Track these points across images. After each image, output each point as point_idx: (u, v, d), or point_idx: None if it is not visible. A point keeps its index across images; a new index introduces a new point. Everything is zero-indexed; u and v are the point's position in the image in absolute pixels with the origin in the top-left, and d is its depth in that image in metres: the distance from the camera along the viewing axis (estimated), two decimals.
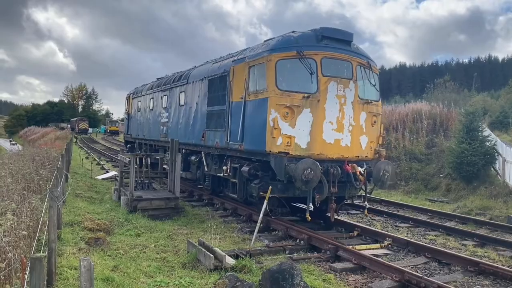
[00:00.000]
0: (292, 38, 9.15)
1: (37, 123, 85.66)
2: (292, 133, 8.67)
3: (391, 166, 9.37)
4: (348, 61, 9.26)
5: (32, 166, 11.41)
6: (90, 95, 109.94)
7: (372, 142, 9.66)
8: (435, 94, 31.65)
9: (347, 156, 9.11)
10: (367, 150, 9.52)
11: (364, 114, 9.39)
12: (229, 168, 10.43)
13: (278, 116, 8.57)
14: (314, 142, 8.78)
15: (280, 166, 8.48)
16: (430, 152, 18.10)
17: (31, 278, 2.95)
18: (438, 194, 15.35)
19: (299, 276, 5.47)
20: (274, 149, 8.60)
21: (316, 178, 8.08)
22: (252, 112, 9.31)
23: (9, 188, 7.54)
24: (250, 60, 9.62)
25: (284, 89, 8.69)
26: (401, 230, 10.14)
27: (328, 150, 8.90)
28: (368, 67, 9.67)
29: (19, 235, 5.12)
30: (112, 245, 7.63)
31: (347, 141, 9.11)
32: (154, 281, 5.93)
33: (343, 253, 7.46)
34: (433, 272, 6.98)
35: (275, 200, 9.15)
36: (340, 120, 8.98)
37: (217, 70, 11.43)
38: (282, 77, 8.75)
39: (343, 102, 9.01)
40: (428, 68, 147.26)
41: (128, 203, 10.62)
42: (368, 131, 9.51)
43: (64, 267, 6.02)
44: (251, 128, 9.32)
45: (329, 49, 9.11)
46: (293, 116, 8.65)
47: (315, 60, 8.84)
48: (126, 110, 22.95)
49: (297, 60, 8.76)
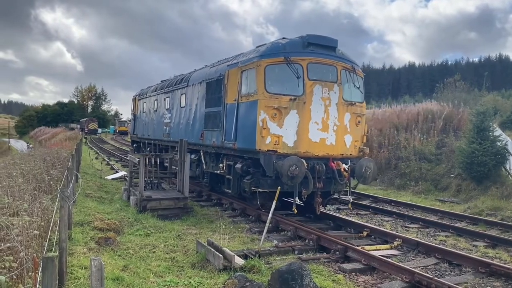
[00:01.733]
0: (280, 45, 9.88)
1: (47, 124, 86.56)
2: (280, 133, 9.36)
3: (372, 163, 10.02)
4: (333, 65, 9.94)
5: (43, 166, 11.50)
6: (100, 95, 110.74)
7: (357, 141, 10.33)
8: (445, 94, 31.37)
9: (332, 154, 9.76)
10: (351, 149, 10.17)
11: (348, 115, 10.07)
12: (225, 166, 11.07)
13: (267, 117, 9.29)
14: (301, 141, 9.46)
15: (269, 163, 9.15)
16: (440, 152, 17.95)
17: (43, 277, 2.98)
18: (448, 195, 15.22)
19: (309, 276, 5.47)
20: (263, 147, 9.28)
21: (301, 174, 8.75)
22: (244, 113, 9.99)
23: (21, 188, 7.61)
24: (242, 65, 10.31)
25: (273, 92, 9.38)
26: (411, 230, 10.07)
27: (314, 149, 9.55)
28: (353, 71, 10.33)
29: (30, 235, 5.17)
30: (122, 244, 7.67)
31: (332, 140, 9.79)
32: (164, 281, 5.95)
33: (353, 253, 7.44)
34: (443, 273, 6.93)
35: (266, 194, 9.74)
36: (325, 121, 9.67)
37: (213, 74, 12.15)
38: (270, 81, 9.44)
39: (327, 104, 9.70)
40: (437, 67, 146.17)
41: (137, 203, 10.68)
42: (353, 131, 10.18)
43: (75, 267, 6.07)
44: (243, 128, 9.98)
45: (314, 55, 9.80)
46: (280, 117, 9.36)
47: (302, 65, 9.52)
48: (133, 111, 23.97)
49: (285, 65, 9.45)
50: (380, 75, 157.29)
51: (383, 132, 20.78)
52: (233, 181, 10.70)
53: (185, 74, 15.59)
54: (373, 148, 19.97)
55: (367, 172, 9.76)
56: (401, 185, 17.07)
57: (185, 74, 15.83)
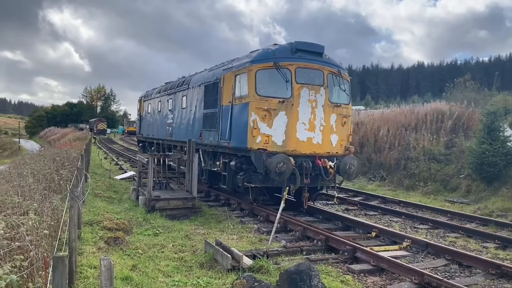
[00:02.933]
0: (270, 51, 10.60)
1: (57, 124, 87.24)
2: (270, 132, 10.07)
3: (356, 161, 10.65)
4: (319, 70, 10.62)
5: (52, 166, 11.60)
6: (109, 96, 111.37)
7: (343, 140, 11.02)
8: (455, 94, 31.12)
9: (319, 152, 10.44)
10: (337, 147, 10.84)
11: (334, 116, 10.75)
12: (221, 163, 11.71)
13: (257, 118, 10.00)
14: (289, 140, 10.17)
15: (259, 161, 9.78)
16: (450, 153, 17.80)
17: (54, 276, 3.00)
18: (457, 195, 15.08)
19: (317, 277, 5.45)
20: (254, 146, 9.98)
21: (288, 170, 9.46)
22: (237, 114, 10.71)
23: (31, 187, 7.68)
24: (236, 69, 11.00)
25: (263, 95, 10.09)
26: (420, 231, 10.00)
27: (302, 147, 10.25)
28: (339, 75, 11.02)
29: (40, 234, 5.21)
30: (131, 244, 7.71)
31: (319, 139, 10.47)
32: (172, 281, 5.97)
33: (361, 254, 7.40)
34: (453, 274, 6.87)
35: (258, 189, 10.60)
36: (312, 121, 10.35)
37: (211, 77, 12.88)
38: (261, 84, 10.14)
39: (314, 105, 10.39)
40: (447, 67, 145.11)
41: (146, 203, 10.73)
42: (338, 131, 10.87)
43: (84, 266, 6.11)
44: (236, 128, 10.69)
45: (302, 60, 10.48)
46: (270, 118, 10.07)
47: (290, 69, 10.21)
48: (138, 111, 24.88)
49: (274, 70, 10.16)
50: (389, 75, 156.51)
51: (392, 132, 20.67)
52: (228, 177, 11.31)
53: (186, 77, 16.34)
54: (384, 149, 19.86)
55: (351, 169, 10.40)
56: (410, 185, 16.95)
57: (186, 77, 16.55)
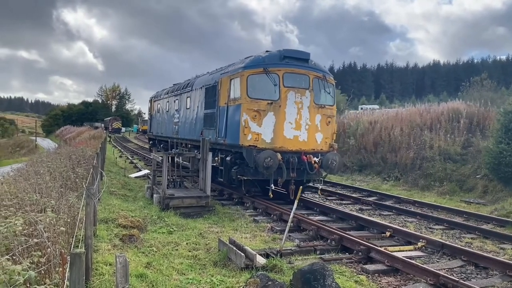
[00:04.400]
0: (260, 58, 11.72)
1: (73, 123, 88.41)
2: (259, 131, 11.16)
3: (338, 157, 11.66)
4: (305, 74, 11.65)
5: (68, 164, 11.76)
6: (123, 95, 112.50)
7: (327, 138, 12.03)
8: (471, 93, 30.66)
9: (304, 148, 11.48)
10: (322, 144, 11.87)
11: (319, 116, 11.78)
12: (219, 159, 12.58)
13: (248, 118, 11.09)
14: (277, 137, 11.25)
15: (250, 156, 10.91)
16: (466, 152, 17.54)
17: (71, 273, 3.04)
18: (474, 196, 14.86)
19: (331, 277, 5.43)
20: (245, 143, 11.09)
21: (274, 165, 10.61)
22: (231, 114, 11.79)
23: (48, 185, 7.79)
24: (231, 74, 12.11)
25: (253, 97, 11.17)
26: (435, 232, 9.88)
27: (288, 144, 11.33)
28: (324, 79, 12.00)
29: (57, 231, 5.28)
30: (145, 242, 7.78)
31: (304, 137, 11.51)
32: (186, 279, 6.01)
33: (376, 254, 7.35)
34: (469, 276, 6.78)
35: (250, 182, 11.65)
36: (298, 121, 11.41)
37: (210, 80, 13.99)
38: (252, 88, 11.22)
39: (300, 107, 11.44)
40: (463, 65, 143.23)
41: (160, 201, 10.81)
42: (323, 129, 11.88)
43: (100, 263, 6.19)
44: (231, 127, 11.79)
45: (289, 66, 11.52)
46: (260, 118, 11.15)
47: (278, 74, 11.28)
48: (149, 111, 26.35)
49: (264, 75, 11.24)
50: (404, 74, 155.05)
51: (407, 132, 20.46)
52: (224, 171, 12.19)
53: (191, 80, 17.54)
54: (399, 148, 19.67)
55: (333, 164, 11.44)
56: (425, 185, 16.75)
57: (190, 79, 17.78)
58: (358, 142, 22.63)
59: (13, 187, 7.59)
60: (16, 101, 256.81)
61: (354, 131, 23.63)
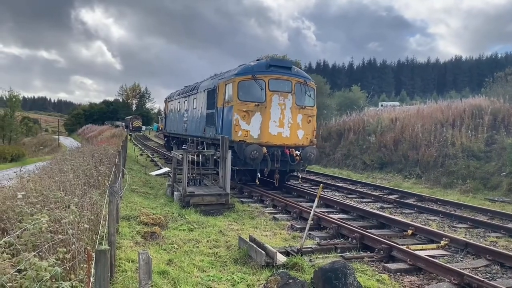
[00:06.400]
0: (249, 66, 13.76)
1: (94, 122, 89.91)
2: (248, 128, 13.07)
3: (315, 150, 13.63)
4: (288, 80, 13.59)
5: (91, 162, 11.95)
6: (143, 94, 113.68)
7: (308, 134, 13.85)
8: (495, 89, 29.91)
9: (287, 143, 13.35)
10: (303, 140, 13.71)
11: (300, 116, 13.60)
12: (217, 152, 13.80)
13: (238, 117, 13.06)
14: (263, 134, 13.15)
15: (240, 150, 12.83)
16: (490, 150, 17.15)
17: (96, 269, 3.10)
18: (498, 194, 14.53)
19: (352, 275, 5.38)
20: (236, 138, 12.97)
21: (260, 157, 12.52)
22: (226, 114, 13.75)
23: (72, 183, 7.94)
24: (226, 80, 14.18)
25: (243, 100, 13.14)
26: (459, 230, 9.70)
27: (273, 139, 13.21)
28: (305, 84, 13.87)
29: (81, 228, 5.38)
30: (167, 239, 7.86)
31: (287, 133, 13.38)
32: (207, 276, 6.05)
33: (397, 253, 7.26)
34: (494, 275, 6.63)
35: (241, 171, 13.72)
36: (281, 120, 13.32)
37: (211, 84, 16.05)
38: (242, 92, 13.21)
39: (283, 108, 13.34)
40: (486, 60, 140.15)
41: (181, 199, 10.91)
42: (304, 127, 13.70)
43: (122, 260, 6.28)
44: (225, 125, 13.68)
45: (274, 73, 13.46)
46: (248, 117, 13.07)
47: (264, 80, 13.22)
48: (164, 111, 29.44)
49: (252, 81, 13.20)
50: (425, 70, 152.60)
51: (428, 129, 20.13)
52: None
53: (198, 83, 19.69)
54: (421, 146, 19.39)
55: (310, 156, 13.33)
56: (448, 183, 16.46)
57: (197, 83, 19.92)
58: (378, 140, 22.38)
59: (38, 185, 7.75)
60: (40, 100, 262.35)
61: (374, 128, 23.37)
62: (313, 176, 19.44)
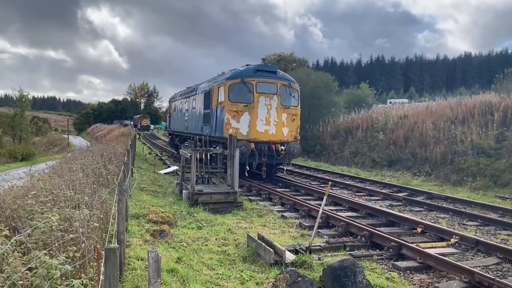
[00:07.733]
0: (239, 71, 15.40)
1: (103, 121, 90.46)
2: (238, 126, 14.63)
3: (298, 145, 15.15)
4: (274, 83, 15.21)
5: (100, 161, 12.03)
6: (152, 93, 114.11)
7: (292, 131, 15.44)
8: (505, 85, 29.60)
9: (273, 139, 14.99)
10: (288, 136, 15.31)
11: (285, 115, 15.25)
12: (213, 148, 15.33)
13: (229, 117, 14.68)
14: (251, 131, 14.75)
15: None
16: (501, 147, 16.97)
17: (106, 268, 3.11)
18: (510, 191, 14.37)
19: (362, 273, 5.37)
20: (227, 135, 12.96)
21: (248, 151, 13.96)
22: (219, 114, 15.42)
23: (81, 182, 8.00)
24: (218, 83, 15.88)
25: (233, 101, 14.79)
26: (469, 228, 9.61)
27: (260, 136, 14.80)
28: (289, 86, 15.54)
29: (91, 227, 5.42)
30: (176, 237, 7.89)
31: (273, 131, 15.04)
32: (216, 274, 6.06)
33: (407, 251, 7.21)
34: (506, 273, 6.56)
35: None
36: (268, 119, 14.96)
37: (207, 87, 17.64)
38: (232, 94, 14.85)
39: (269, 108, 14.97)
40: (496, 56, 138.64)
41: (189, 197, 10.94)
42: (289, 125, 15.33)
43: (132, 258, 6.31)
44: (218, 123, 15.38)
45: (261, 77, 15.12)
46: (238, 116, 14.69)
47: (252, 83, 14.87)
48: (168, 110, 31.51)
49: (241, 84, 14.86)
50: (434, 67, 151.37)
51: (438, 126, 19.97)
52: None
53: (197, 85, 21.16)
54: (430, 143, 19.24)
55: (294, 151, 14.87)
56: (458, 181, 16.32)
57: (197, 84, 21.43)
58: (387, 137, 22.25)
59: (48, 184, 7.83)
60: (49, 100, 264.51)
61: (383, 126, 23.23)
62: (321, 174, 19.39)
